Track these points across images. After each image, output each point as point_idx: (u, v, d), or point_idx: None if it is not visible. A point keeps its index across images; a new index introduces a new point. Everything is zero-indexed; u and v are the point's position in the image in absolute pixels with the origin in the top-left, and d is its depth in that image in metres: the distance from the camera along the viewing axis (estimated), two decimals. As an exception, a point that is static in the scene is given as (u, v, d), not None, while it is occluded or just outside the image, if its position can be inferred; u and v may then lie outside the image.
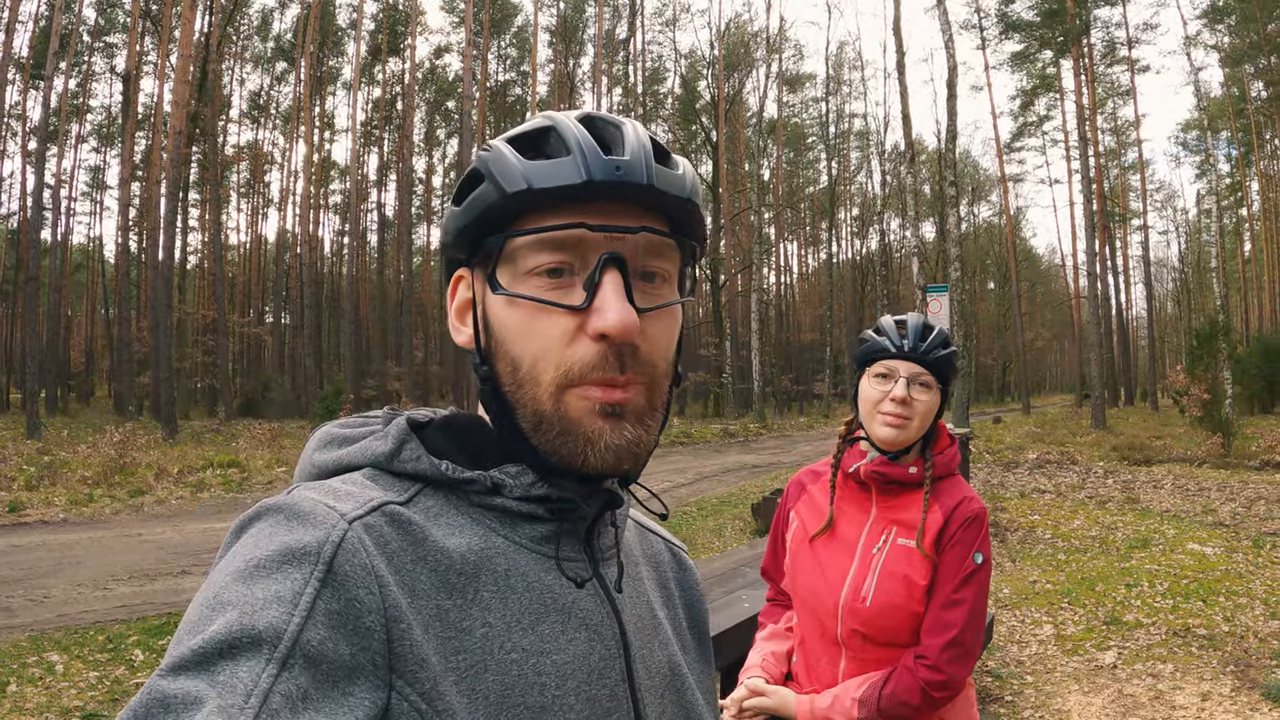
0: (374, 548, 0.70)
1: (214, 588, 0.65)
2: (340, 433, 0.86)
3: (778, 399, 46.89)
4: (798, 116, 57.80)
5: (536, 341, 0.78)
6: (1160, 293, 67.98)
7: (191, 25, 29.35)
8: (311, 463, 0.85)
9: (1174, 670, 5.71)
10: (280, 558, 0.66)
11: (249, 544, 0.68)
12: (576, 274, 0.78)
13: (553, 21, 48.11)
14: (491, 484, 0.80)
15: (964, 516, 2.09)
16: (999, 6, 41.23)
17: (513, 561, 0.79)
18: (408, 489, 0.79)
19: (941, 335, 2.18)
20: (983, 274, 63.20)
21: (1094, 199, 33.25)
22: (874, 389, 2.15)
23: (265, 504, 0.73)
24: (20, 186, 40.83)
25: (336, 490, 0.75)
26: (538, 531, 0.82)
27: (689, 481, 16.40)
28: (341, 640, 0.64)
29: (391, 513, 0.74)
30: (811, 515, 2.30)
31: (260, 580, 0.64)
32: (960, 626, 2.00)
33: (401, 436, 0.81)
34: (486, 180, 0.79)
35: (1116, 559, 8.70)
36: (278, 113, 50.45)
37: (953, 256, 24.59)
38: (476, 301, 0.84)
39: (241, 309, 49.17)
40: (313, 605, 0.63)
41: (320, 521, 0.69)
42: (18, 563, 8.98)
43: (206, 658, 0.60)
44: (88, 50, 42.37)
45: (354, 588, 0.66)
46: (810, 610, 2.21)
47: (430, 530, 0.76)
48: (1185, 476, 14.86)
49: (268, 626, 0.61)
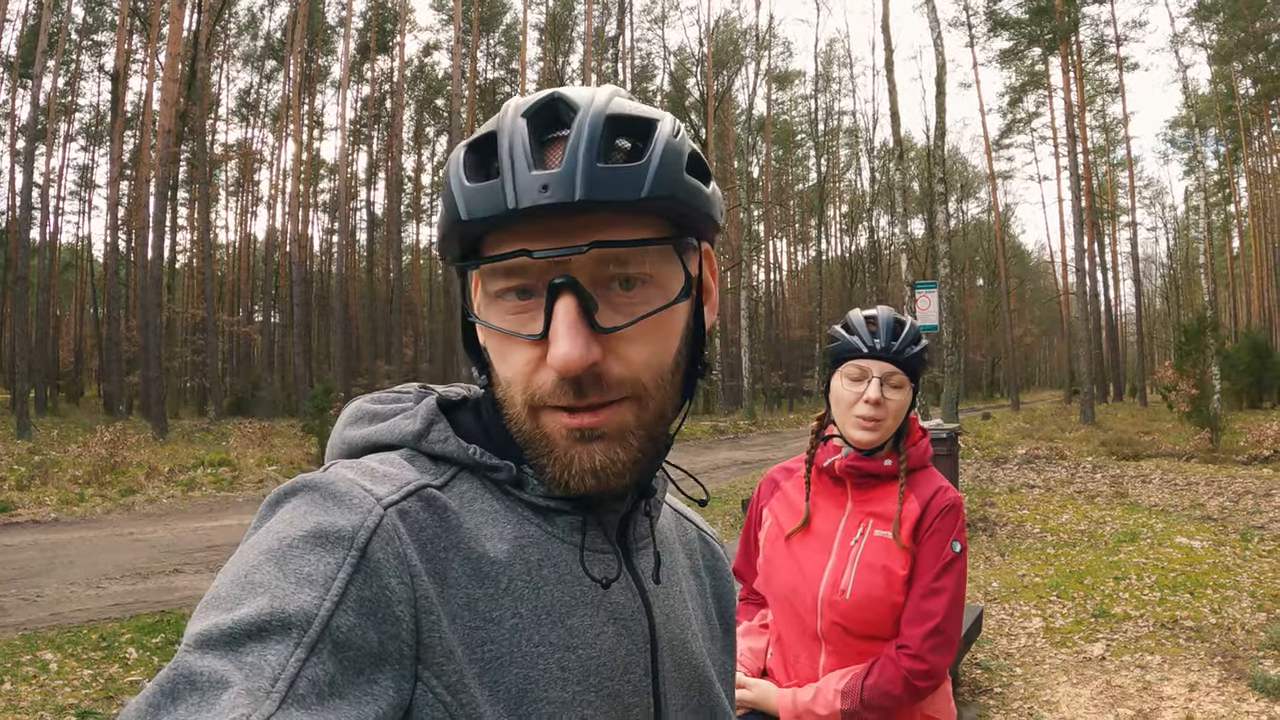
0: (407, 535, 0.70)
1: (246, 564, 0.65)
2: (372, 408, 0.85)
3: (768, 396, 46.95)
4: (787, 114, 57.87)
5: (509, 366, 0.77)
6: (1149, 289, 68.25)
7: (180, 24, 29.29)
8: (343, 439, 0.84)
9: (1162, 661, 5.76)
10: (314, 539, 0.66)
11: (284, 520, 0.68)
12: (539, 294, 0.74)
13: (542, 19, 48.12)
14: (516, 475, 0.80)
15: (940, 506, 2.12)
16: (987, 4, 41.36)
17: (546, 552, 0.78)
18: (444, 472, 0.78)
19: (913, 331, 2.17)
20: (972, 270, 63.31)
21: (1082, 196, 33.36)
22: (847, 390, 2.14)
23: (302, 479, 0.73)
24: (8, 186, 40.56)
25: (374, 471, 0.74)
26: (569, 522, 0.81)
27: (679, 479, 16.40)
28: (370, 628, 0.63)
29: (428, 497, 0.74)
30: (786, 512, 2.30)
31: (293, 561, 0.64)
32: (942, 615, 2.02)
33: (430, 416, 0.81)
34: (443, 202, 0.77)
35: (1105, 553, 8.76)
36: (267, 111, 50.29)
37: (942, 253, 24.64)
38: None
39: (231, 308, 49.06)
40: (344, 591, 0.63)
41: (356, 505, 0.69)
42: (10, 562, 8.96)
43: (235, 638, 0.59)
44: (76, 49, 42.16)
45: (386, 575, 0.66)
46: (788, 606, 2.21)
47: (465, 517, 0.75)
48: (1173, 471, 14.93)
49: (298, 610, 0.60)
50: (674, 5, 63.56)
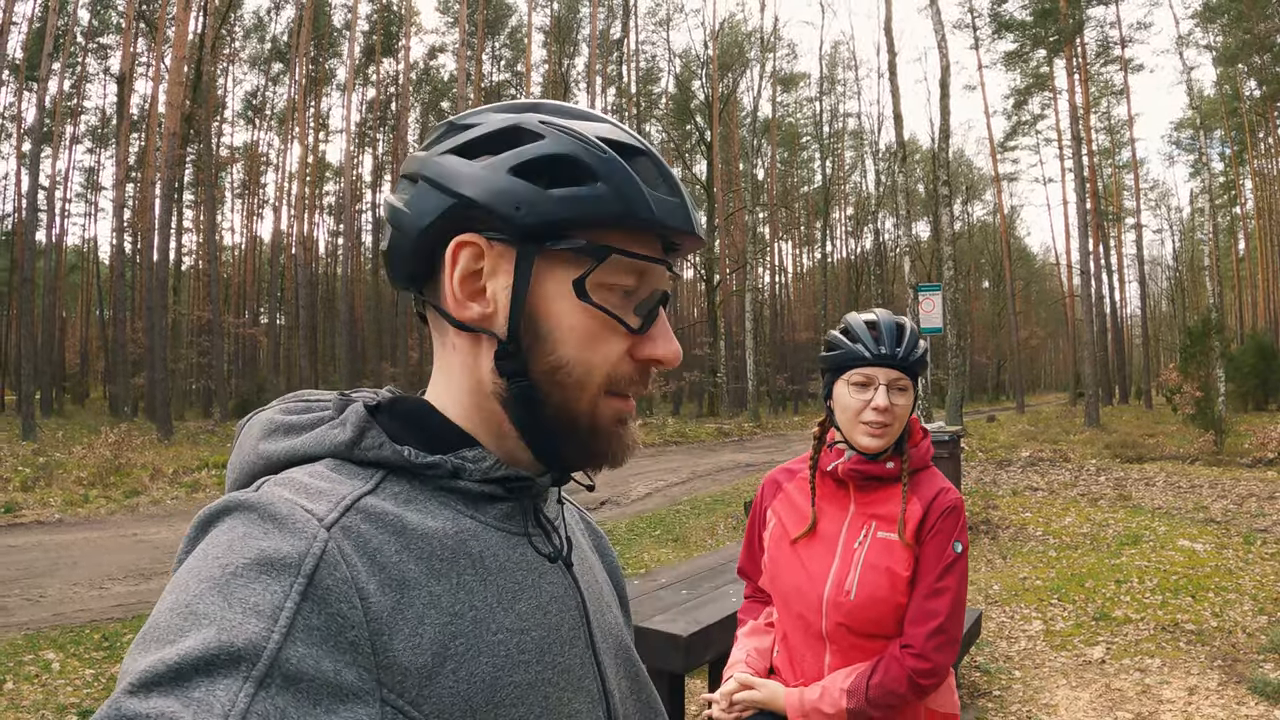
0: (354, 554, 0.69)
1: (187, 593, 0.63)
2: (286, 420, 0.84)
3: (772, 398, 46.89)
4: (792, 116, 57.73)
5: (597, 352, 0.81)
6: (1154, 291, 68.16)
7: (186, 26, 29.33)
8: (258, 454, 0.82)
9: (1162, 665, 5.75)
10: (258, 566, 0.64)
11: (222, 545, 0.66)
12: (633, 297, 0.83)
13: (547, 22, 48.08)
14: (453, 468, 0.80)
15: (943, 507, 2.15)
16: (992, 6, 41.31)
17: (484, 543, 0.80)
18: (371, 477, 0.78)
19: (914, 335, 2.20)
20: (977, 273, 63.23)
21: (1088, 198, 33.33)
22: (853, 398, 2.17)
23: (234, 499, 0.71)
24: (15, 188, 40.66)
25: (307, 487, 0.73)
26: (500, 510, 0.83)
27: (683, 480, 16.41)
28: (324, 657, 0.62)
29: (365, 507, 0.73)
30: (789, 513, 2.33)
31: (237, 591, 0.62)
32: (945, 614, 2.05)
33: (361, 424, 0.80)
34: (603, 183, 0.79)
35: (1107, 555, 8.74)
36: (273, 114, 50.34)
37: (946, 256, 24.66)
38: (523, 289, 0.80)
39: (236, 310, 49.11)
40: (292, 621, 0.61)
41: (298, 529, 0.67)
42: (14, 563, 9.00)
43: (181, 674, 0.57)
44: (82, 51, 42.26)
45: (335, 602, 0.65)
46: (793, 607, 2.24)
47: (407, 517, 0.75)
48: (1177, 474, 14.91)
49: (246, 643, 0.58)
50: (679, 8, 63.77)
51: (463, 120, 0.85)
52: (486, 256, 0.81)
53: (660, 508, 13.08)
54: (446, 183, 0.80)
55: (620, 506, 13.38)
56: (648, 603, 4.40)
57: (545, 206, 0.78)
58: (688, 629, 3.81)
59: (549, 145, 0.79)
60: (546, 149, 0.79)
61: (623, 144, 0.81)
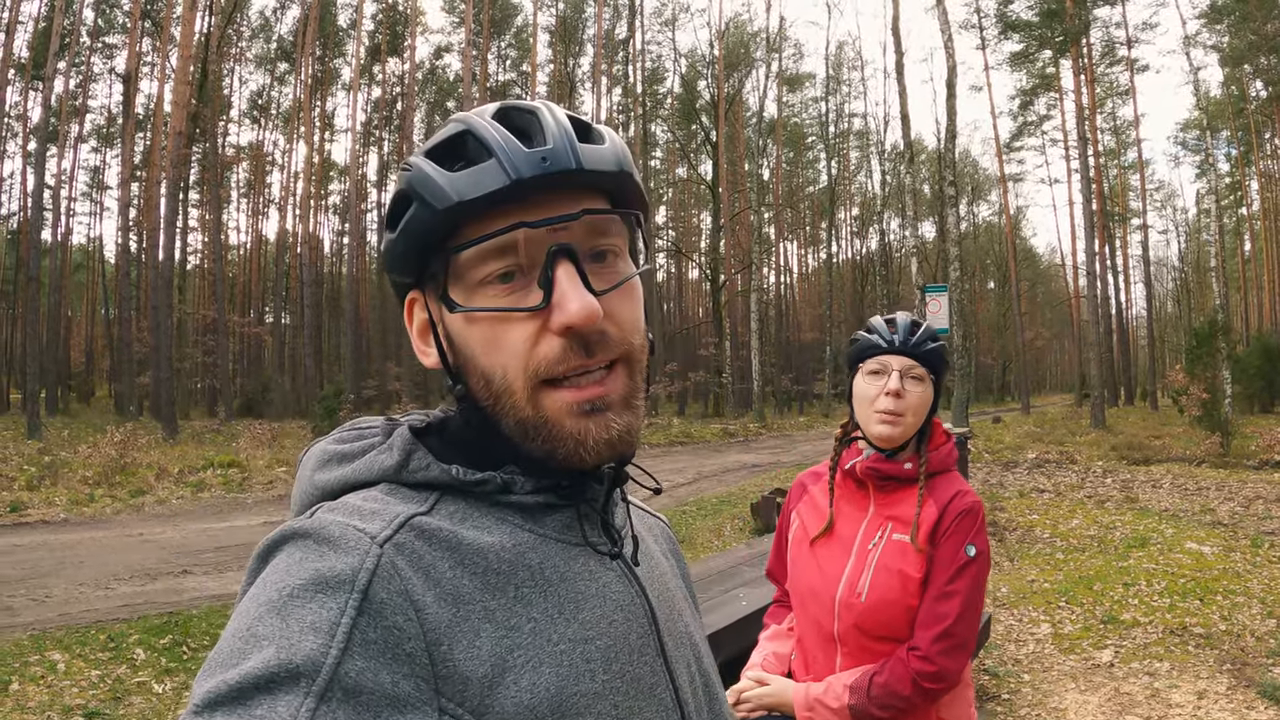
0: (408, 569, 0.69)
1: (247, 619, 0.64)
2: (338, 449, 0.85)
3: (778, 399, 46.89)
4: (797, 116, 57.77)
5: (504, 351, 0.78)
6: (1160, 292, 68.01)
7: (191, 26, 29.37)
8: (314, 484, 0.83)
9: (1170, 669, 5.73)
10: (314, 586, 0.65)
11: (279, 571, 0.67)
12: (528, 274, 0.78)
13: (552, 21, 48.12)
14: (502, 482, 0.80)
15: (959, 510, 2.12)
16: (998, 6, 41.21)
17: (543, 555, 0.79)
18: (426, 498, 0.78)
19: (930, 330, 2.23)
20: (983, 274, 63.17)
21: (1093, 199, 33.25)
22: (868, 385, 2.19)
23: (290, 528, 0.72)
24: (20, 187, 40.85)
25: (360, 509, 0.74)
26: (559, 520, 0.83)
27: (689, 481, 16.41)
28: (382, 669, 0.63)
29: (419, 525, 0.74)
30: (812, 515, 2.33)
31: (294, 611, 0.63)
32: (953, 618, 2.01)
33: (407, 447, 0.81)
34: (416, 201, 0.79)
35: (1114, 558, 8.72)
36: (278, 113, 50.44)
37: (952, 256, 24.60)
38: (435, 322, 0.84)
39: (242, 309, 49.14)
40: (350, 636, 0.62)
41: (352, 547, 0.68)
42: (19, 562, 9.00)
43: (243, 693, 0.58)
44: (87, 51, 42.33)
45: (391, 614, 0.65)
46: (808, 608, 2.24)
47: (462, 534, 0.76)
48: (1184, 476, 14.88)
49: (305, 660, 0.60)
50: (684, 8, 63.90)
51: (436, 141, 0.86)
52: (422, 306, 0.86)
53: (666, 509, 13.04)
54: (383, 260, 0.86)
55: (625, 508, 13.34)
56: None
57: (393, 249, 0.82)
58: (695, 632, 3.80)
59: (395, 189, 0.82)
60: (392, 194, 0.82)
61: (441, 142, 0.81)
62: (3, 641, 6.32)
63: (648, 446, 24.27)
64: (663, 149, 54.93)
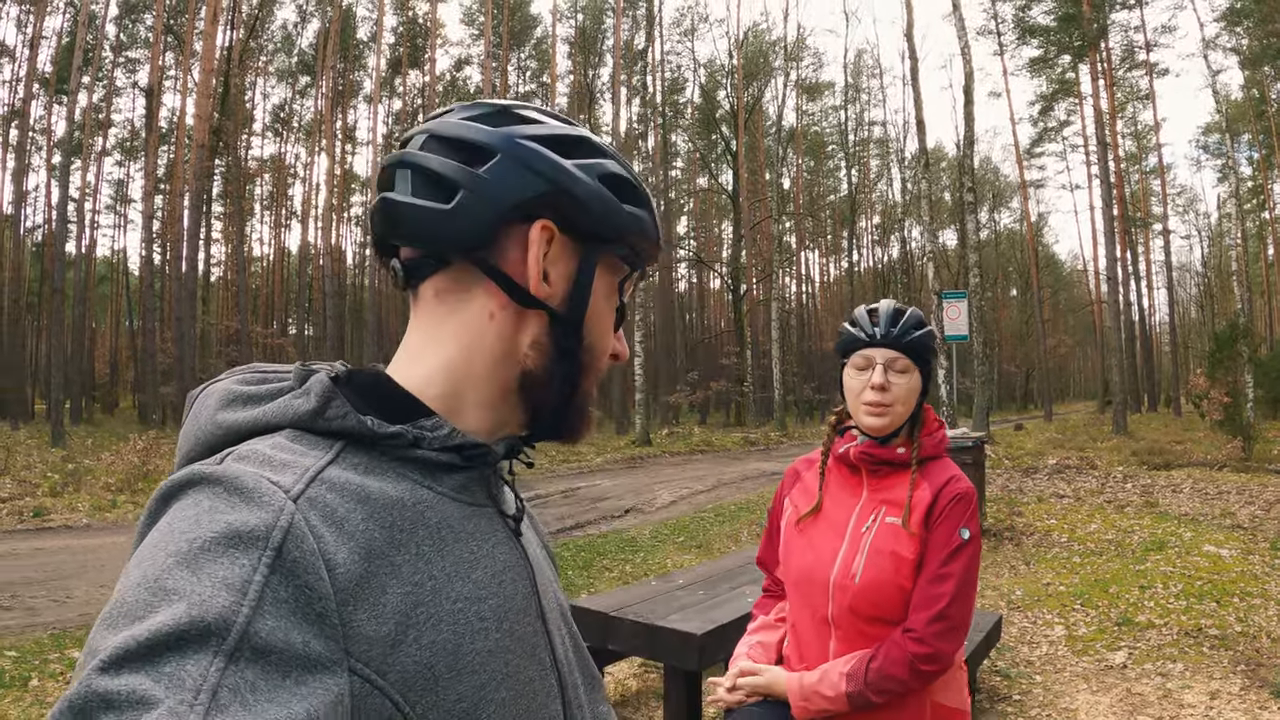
0: (322, 525, 0.69)
1: (154, 567, 0.63)
2: (245, 390, 0.84)
3: (799, 407, 46.72)
4: (817, 125, 57.63)
5: (605, 340, 0.95)
6: (1183, 297, 67.46)
7: (213, 40, 29.65)
8: (216, 423, 0.82)
9: (1184, 669, 5.71)
10: (226, 540, 0.64)
11: (188, 519, 0.66)
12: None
13: (571, 33, 48.24)
14: (413, 438, 0.81)
15: (952, 494, 2.16)
16: (1015, 12, 41.14)
17: (441, 513, 0.81)
18: (331, 446, 0.78)
19: (914, 317, 2.25)
20: (1005, 281, 62.86)
21: (1115, 204, 33.11)
22: (855, 379, 2.25)
23: (196, 470, 0.71)
24: (45, 200, 41.21)
25: (271, 459, 0.74)
26: (455, 480, 0.85)
27: (709, 488, 16.40)
28: (292, 629, 0.62)
29: (330, 478, 0.74)
30: (804, 500, 2.37)
31: (206, 565, 0.62)
32: (947, 600, 2.04)
33: (326, 394, 0.81)
34: (646, 211, 0.94)
35: (1132, 561, 8.68)
36: (300, 126, 50.76)
37: (972, 263, 24.54)
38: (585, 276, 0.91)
39: (265, 320, 49.42)
40: (261, 594, 0.62)
41: (265, 501, 0.68)
42: (42, 565, 9.11)
43: (153, 650, 0.57)
44: (110, 65, 42.77)
45: (303, 574, 0.65)
46: (801, 591, 2.26)
47: (369, 486, 0.76)
48: (1205, 480, 14.75)
49: (216, 618, 0.59)
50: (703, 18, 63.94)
51: (519, 111, 0.91)
52: (555, 243, 0.88)
53: (684, 515, 13.07)
54: (546, 171, 0.86)
55: (645, 514, 13.38)
56: (664, 603, 4.41)
57: (619, 218, 0.91)
58: (702, 628, 3.83)
59: (615, 166, 0.91)
60: (615, 169, 0.91)
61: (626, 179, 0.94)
62: (24, 640, 6.41)
63: (668, 455, 24.27)
64: (683, 159, 54.98)
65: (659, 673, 5.48)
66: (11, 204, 35.60)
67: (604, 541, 10.75)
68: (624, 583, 8.48)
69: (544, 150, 0.86)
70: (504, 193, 0.84)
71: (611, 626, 4.07)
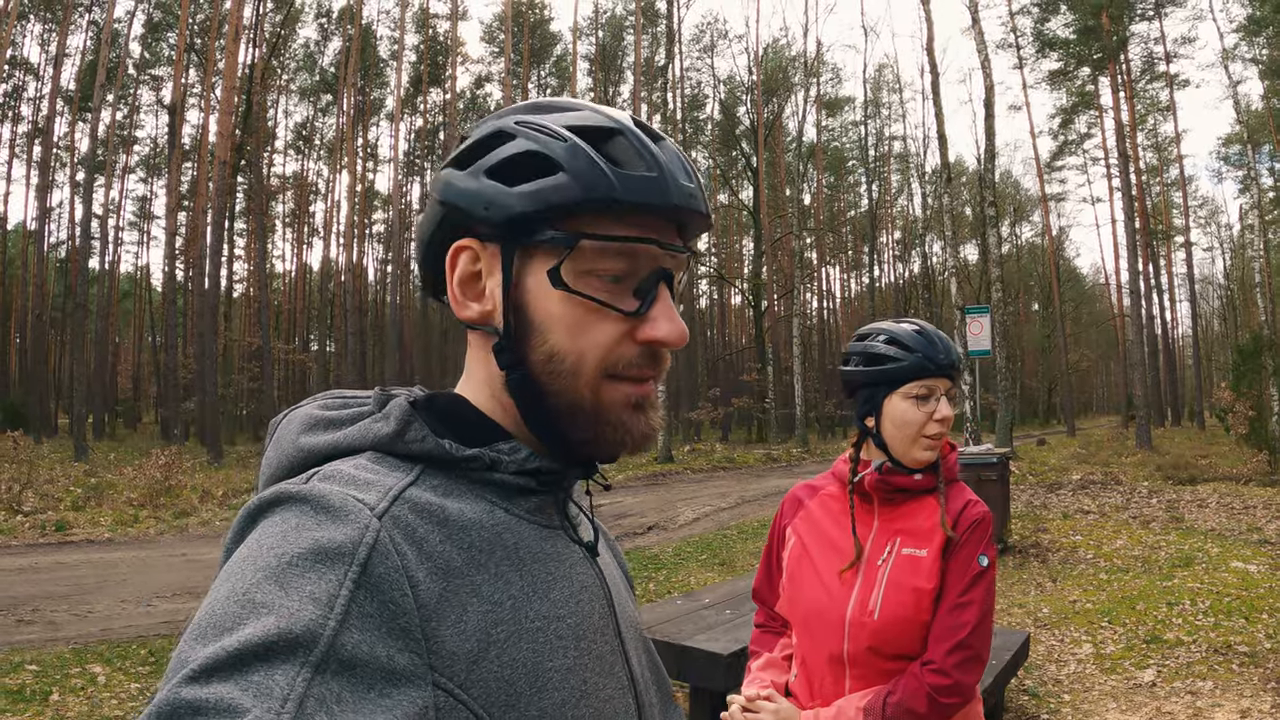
0: (404, 543, 0.71)
1: (243, 582, 0.64)
2: (325, 415, 0.87)
3: (821, 423, 46.60)
4: (838, 140, 57.62)
5: (587, 339, 0.82)
6: (1206, 310, 67.09)
7: (235, 58, 29.89)
8: (298, 448, 0.84)
9: (1213, 688, 5.63)
10: (313, 555, 0.65)
11: (275, 535, 0.68)
12: (625, 281, 0.83)
13: (591, 50, 48.49)
14: (490, 460, 0.82)
15: (971, 520, 2.05)
16: (1035, 25, 41.03)
17: (518, 534, 0.82)
18: (411, 469, 0.80)
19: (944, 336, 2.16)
20: (1027, 296, 62.59)
21: (1136, 217, 32.94)
22: (913, 411, 2.07)
23: (283, 489, 0.73)
24: (69, 216, 41.70)
25: (355, 479, 0.75)
26: (531, 503, 0.85)
27: (731, 505, 16.35)
28: (378, 642, 0.64)
29: (411, 498, 0.75)
30: (811, 532, 2.23)
31: (294, 580, 0.63)
32: (969, 630, 1.94)
33: (405, 417, 0.82)
34: (564, 173, 0.80)
35: (1159, 578, 8.59)
36: (322, 143, 51.14)
37: (994, 277, 24.42)
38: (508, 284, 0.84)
39: (287, 336, 49.77)
40: (348, 608, 0.63)
41: (351, 519, 0.69)
42: (64, 579, 9.15)
43: (242, 660, 0.58)
44: (134, 83, 43.24)
45: (388, 589, 0.66)
46: (812, 629, 2.14)
47: (448, 507, 0.77)
48: (1230, 495, 14.61)
49: (304, 630, 0.60)
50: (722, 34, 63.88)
51: (468, 131, 0.89)
52: (482, 257, 0.85)
53: (708, 532, 13.03)
54: (440, 194, 0.86)
55: (668, 531, 13.36)
56: (690, 621, 4.39)
57: (509, 202, 0.81)
58: (729, 648, 3.81)
59: (518, 144, 0.83)
60: (515, 148, 0.83)
61: (592, 128, 0.83)
62: (45, 654, 6.43)
63: (690, 472, 24.24)
64: (704, 175, 54.94)
65: (684, 692, 5.45)
66: (35, 220, 35.99)
67: (627, 559, 10.69)
68: (648, 600, 8.45)
69: (447, 173, 0.86)
70: (424, 231, 0.89)
71: (637, 646, 4.04)
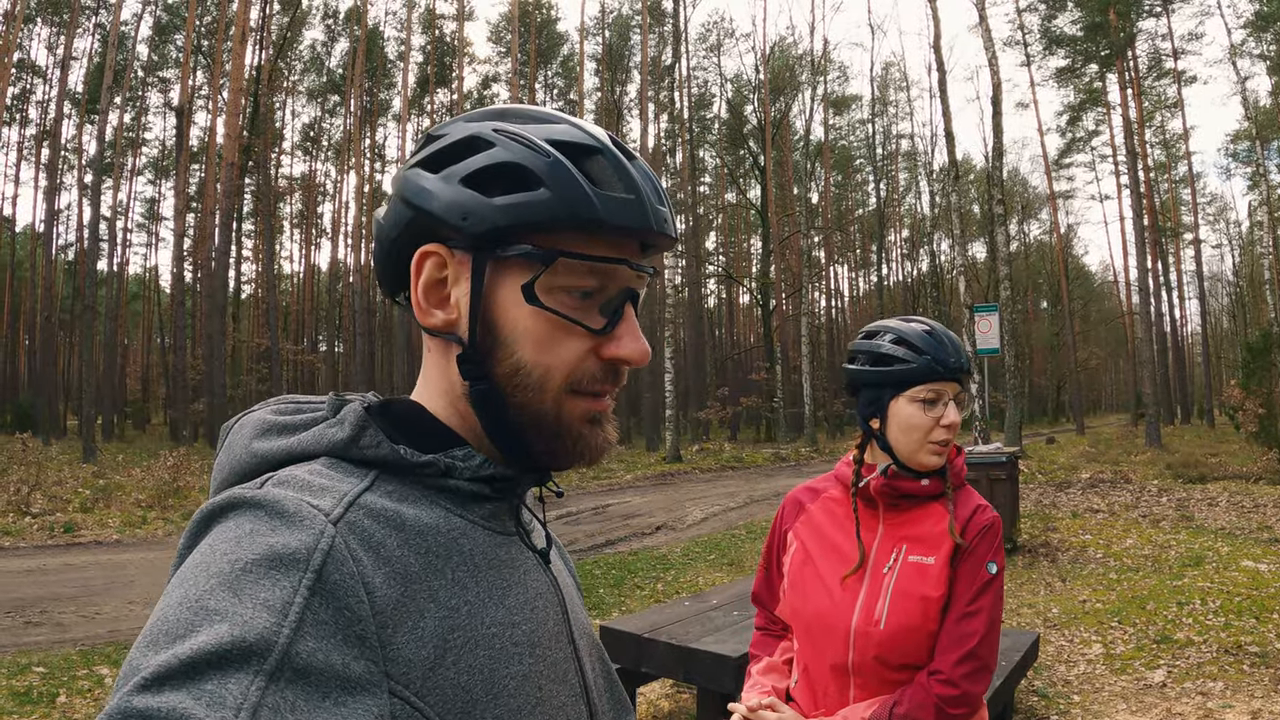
0: (360, 549, 0.70)
1: (196, 588, 0.63)
2: (279, 420, 0.86)
3: (830, 422, 46.51)
4: (845, 139, 57.50)
5: (554, 355, 0.82)
6: (1215, 307, 66.74)
7: (242, 60, 29.95)
8: (251, 452, 0.83)
9: (1224, 688, 5.60)
10: (267, 562, 0.64)
11: (229, 542, 0.67)
12: (595, 298, 0.84)
13: (598, 50, 48.41)
14: (445, 467, 0.82)
15: (980, 525, 2.01)
16: (1042, 22, 40.91)
17: (473, 540, 0.82)
18: (366, 475, 0.79)
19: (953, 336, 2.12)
20: (1035, 294, 62.40)
21: (1144, 214, 32.84)
22: (920, 415, 2.02)
23: (236, 494, 0.72)
24: (77, 218, 41.76)
25: (309, 484, 0.75)
26: (485, 509, 0.85)
27: (740, 505, 16.33)
28: (333, 650, 0.63)
29: (367, 504, 0.75)
30: (812, 537, 2.18)
31: (247, 587, 0.62)
32: (977, 639, 1.91)
33: (360, 423, 0.82)
34: (545, 189, 0.80)
35: (1169, 577, 8.55)
36: (330, 144, 51.22)
37: (1003, 276, 24.37)
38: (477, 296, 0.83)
39: (295, 337, 49.80)
40: (302, 616, 0.62)
41: (305, 524, 0.68)
42: (71, 580, 9.17)
43: (195, 669, 0.57)
44: (141, 85, 43.35)
45: (344, 596, 0.66)
46: (816, 638, 2.08)
47: (404, 513, 0.77)
48: (1240, 493, 14.55)
49: (258, 638, 0.59)
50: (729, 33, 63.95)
51: (436, 131, 0.89)
52: (449, 265, 0.84)
53: (716, 532, 13.02)
54: (409, 196, 0.84)
55: (676, 531, 13.35)
56: (698, 623, 4.37)
57: (488, 214, 0.80)
58: (737, 650, 3.78)
59: (497, 154, 0.82)
60: (494, 158, 0.82)
61: (574, 144, 0.83)
62: (53, 656, 6.44)
63: (699, 472, 24.22)
64: (711, 174, 54.97)
65: (692, 694, 5.43)
66: (44, 222, 36.15)
67: (635, 559, 10.71)
68: (656, 600, 8.45)
69: (415, 174, 0.85)
70: (386, 231, 0.87)
71: (645, 649, 4.02)
